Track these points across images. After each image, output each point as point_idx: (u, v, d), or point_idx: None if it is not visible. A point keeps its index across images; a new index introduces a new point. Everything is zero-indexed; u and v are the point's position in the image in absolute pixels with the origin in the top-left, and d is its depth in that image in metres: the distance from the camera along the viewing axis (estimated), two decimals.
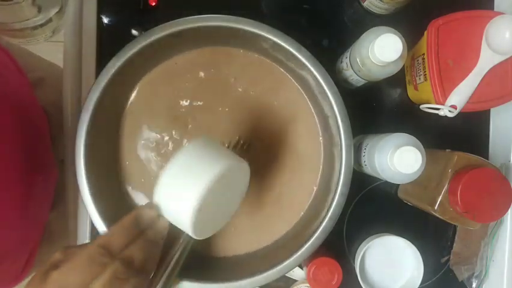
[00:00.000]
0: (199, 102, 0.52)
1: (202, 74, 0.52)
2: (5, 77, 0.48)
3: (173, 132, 0.52)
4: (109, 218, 0.47)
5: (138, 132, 0.52)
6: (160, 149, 0.51)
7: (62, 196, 0.56)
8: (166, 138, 0.52)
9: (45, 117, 0.53)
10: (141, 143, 0.52)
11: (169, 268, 0.40)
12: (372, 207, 0.57)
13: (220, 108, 0.52)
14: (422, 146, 0.43)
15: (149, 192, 0.52)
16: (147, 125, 0.52)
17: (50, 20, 0.46)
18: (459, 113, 0.49)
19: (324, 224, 0.46)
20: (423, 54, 0.50)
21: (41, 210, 0.51)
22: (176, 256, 0.41)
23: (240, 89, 0.52)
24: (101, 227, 0.47)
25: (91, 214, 0.47)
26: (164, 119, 0.52)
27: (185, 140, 0.52)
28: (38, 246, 0.53)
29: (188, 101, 0.52)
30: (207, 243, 0.51)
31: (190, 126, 0.52)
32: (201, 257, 0.51)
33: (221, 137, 0.51)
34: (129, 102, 0.52)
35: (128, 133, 0.52)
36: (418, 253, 0.52)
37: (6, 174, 0.42)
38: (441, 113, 0.49)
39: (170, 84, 0.52)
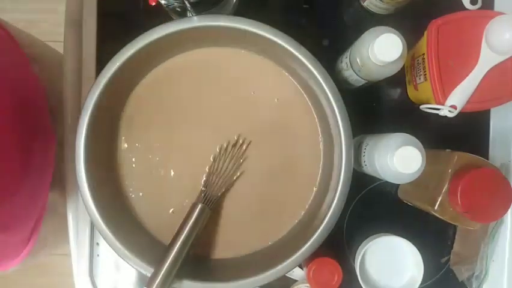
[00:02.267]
0: (199, 102, 0.52)
1: (202, 74, 0.52)
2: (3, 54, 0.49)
3: (173, 132, 0.52)
4: (109, 218, 0.47)
5: (137, 132, 0.52)
6: (158, 148, 0.51)
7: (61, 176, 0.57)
8: (165, 137, 0.52)
9: (42, 87, 0.54)
10: (139, 142, 0.52)
11: (183, 237, 0.46)
12: (372, 207, 0.57)
13: (221, 108, 0.52)
14: (422, 146, 0.43)
15: (146, 191, 0.52)
16: (146, 124, 0.52)
17: None
18: (459, 113, 0.49)
19: (324, 224, 0.46)
20: (423, 54, 0.50)
21: (41, 180, 0.52)
22: (190, 226, 0.46)
23: (240, 89, 0.52)
24: (101, 226, 0.47)
25: (90, 212, 0.47)
26: (163, 118, 0.52)
27: (184, 141, 0.52)
28: (41, 221, 0.53)
29: (189, 100, 0.52)
30: (208, 244, 0.51)
31: (190, 125, 0.52)
32: (202, 258, 0.51)
33: (221, 136, 0.51)
34: (129, 102, 0.52)
35: (127, 132, 0.52)
36: (418, 253, 0.52)
37: (4, 142, 0.43)
38: (441, 113, 0.49)
39: (170, 84, 0.52)
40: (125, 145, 0.52)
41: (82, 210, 0.56)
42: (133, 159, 0.52)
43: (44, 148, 0.52)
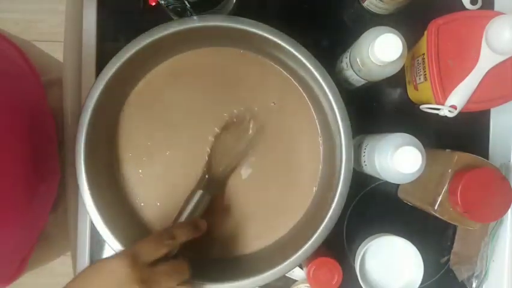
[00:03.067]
0: (198, 102, 0.52)
1: (201, 74, 0.52)
2: (19, 81, 0.48)
3: (173, 132, 0.51)
4: (109, 219, 0.47)
5: (136, 132, 0.52)
6: (157, 147, 0.51)
7: (61, 198, 0.56)
8: (163, 136, 0.51)
9: (54, 122, 0.53)
10: (139, 142, 0.51)
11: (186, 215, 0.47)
12: (372, 207, 0.57)
13: (220, 108, 0.52)
14: (422, 146, 0.43)
15: (145, 191, 0.52)
16: (145, 124, 0.51)
17: None
18: (459, 113, 0.49)
19: (324, 224, 0.46)
20: (423, 54, 0.50)
21: (41, 215, 0.51)
22: (188, 212, 0.47)
23: (240, 89, 0.52)
24: (101, 227, 0.47)
25: (90, 213, 0.47)
26: (162, 117, 0.51)
27: (184, 139, 0.52)
28: (34, 248, 0.52)
29: (188, 100, 0.52)
30: (208, 244, 0.51)
31: (189, 124, 0.51)
32: (201, 258, 0.51)
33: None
34: (128, 102, 0.52)
35: (126, 132, 0.52)
36: (418, 253, 0.52)
37: (10, 180, 0.42)
38: (441, 113, 0.49)
39: (169, 84, 0.52)
40: (124, 144, 0.51)
41: (82, 211, 0.56)
42: (132, 160, 0.52)
43: (50, 179, 0.51)
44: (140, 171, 0.51)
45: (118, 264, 0.38)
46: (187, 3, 0.44)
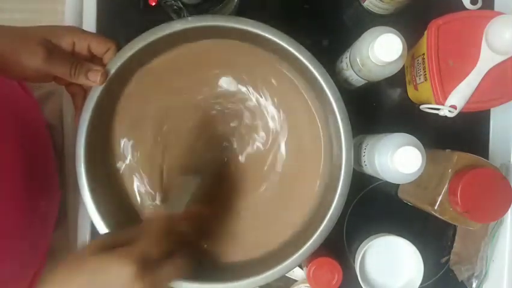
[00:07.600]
0: (197, 100, 0.51)
1: (201, 71, 0.51)
2: (10, 101, 0.48)
3: (172, 130, 0.51)
4: (109, 220, 0.47)
5: (134, 131, 0.51)
6: (156, 145, 0.51)
7: (64, 212, 0.56)
8: (163, 135, 0.51)
9: (50, 140, 0.53)
10: (137, 139, 0.51)
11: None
12: (372, 207, 0.57)
13: (220, 107, 0.52)
14: (422, 146, 0.43)
15: (145, 192, 0.52)
16: (144, 124, 0.51)
17: None
18: (459, 113, 0.49)
19: (324, 224, 0.46)
20: (423, 54, 0.50)
21: (43, 235, 0.51)
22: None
23: (239, 88, 0.52)
24: (102, 227, 0.46)
25: (91, 214, 0.47)
26: (162, 116, 0.51)
27: (183, 138, 0.51)
28: (43, 266, 0.52)
29: (186, 98, 0.51)
30: (210, 251, 0.51)
31: (187, 122, 0.51)
32: (201, 261, 0.51)
33: (220, 138, 0.51)
34: (128, 101, 0.51)
35: (126, 132, 0.51)
36: (418, 253, 0.52)
37: (7, 203, 0.42)
38: (441, 113, 0.49)
39: (169, 83, 0.51)
40: (123, 143, 0.51)
41: (81, 211, 0.56)
42: (131, 159, 0.51)
43: (48, 205, 0.51)
44: (141, 170, 0.51)
45: (124, 274, 0.32)
46: (180, 4, 0.44)
